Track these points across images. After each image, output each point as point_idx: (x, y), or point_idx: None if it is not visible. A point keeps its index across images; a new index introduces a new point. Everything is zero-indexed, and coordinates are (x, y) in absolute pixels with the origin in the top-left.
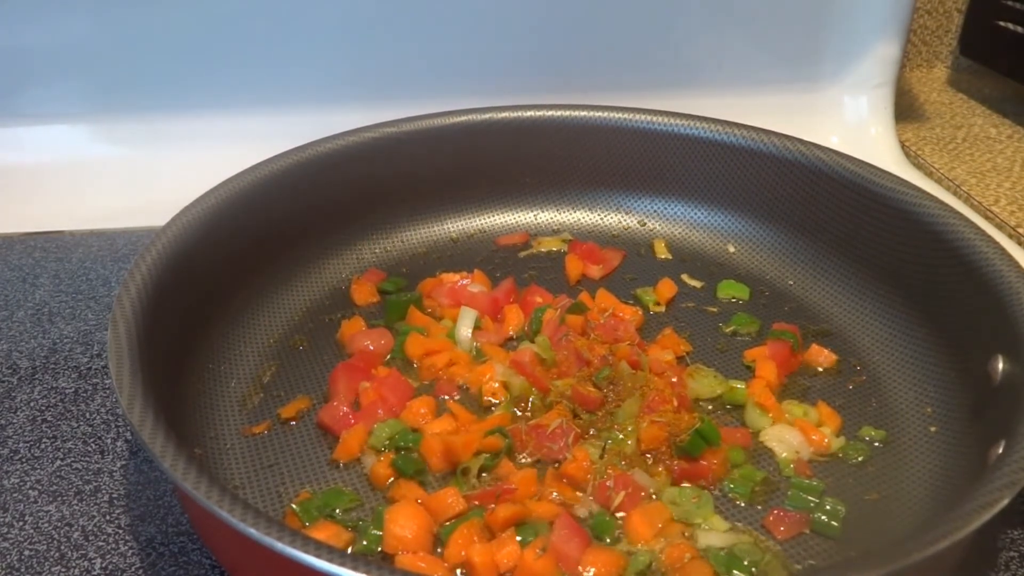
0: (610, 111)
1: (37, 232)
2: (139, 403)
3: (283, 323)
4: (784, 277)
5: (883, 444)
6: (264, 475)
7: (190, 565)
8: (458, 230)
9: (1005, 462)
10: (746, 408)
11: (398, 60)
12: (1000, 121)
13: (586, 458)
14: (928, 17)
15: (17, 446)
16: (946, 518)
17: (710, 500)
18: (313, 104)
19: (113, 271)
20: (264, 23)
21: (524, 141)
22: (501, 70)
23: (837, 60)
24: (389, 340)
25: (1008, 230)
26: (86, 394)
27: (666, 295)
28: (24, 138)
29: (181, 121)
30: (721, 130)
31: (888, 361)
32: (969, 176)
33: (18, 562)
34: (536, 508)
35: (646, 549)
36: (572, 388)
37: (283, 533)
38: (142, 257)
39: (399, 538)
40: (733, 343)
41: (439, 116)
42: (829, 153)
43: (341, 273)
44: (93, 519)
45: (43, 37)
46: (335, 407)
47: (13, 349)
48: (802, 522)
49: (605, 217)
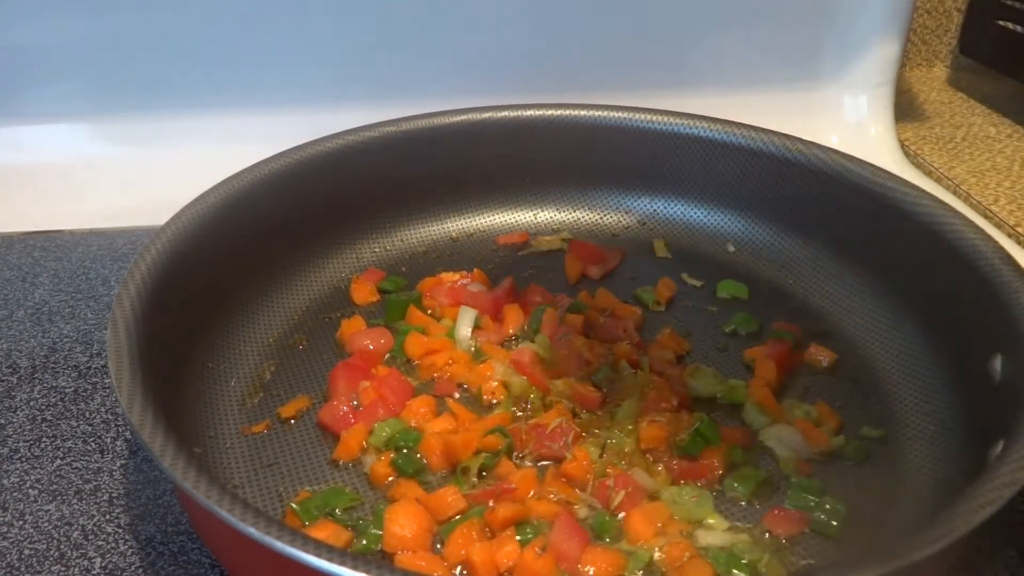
0: (610, 111)
1: (37, 232)
2: (139, 402)
3: (283, 322)
4: (784, 277)
5: (883, 444)
6: (264, 474)
7: (190, 564)
8: (458, 229)
9: (1004, 462)
10: (746, 407)
11: (398, 60)
12: (1000, 120)
13: (586, 457)
14: (928, 16)
15: (17, 445)
16: (946, 518)
17: (710, 499)
18: (313, 104)
19: (113, 271)
20: (264, 23)
21: (524, 141)
22: (501, 70)
23: (837, 60)
24: (389, 339)
25: (1007, 229)
26: (86, 393)
27: (666, 295)
28: (24, 138)
29: (181, 121)
30: (721, 130)
31: (888, 361)
32: (968, 175)
33: (18, 561)
34: (536, 508)
35: (646, 548)
36: (572, 388)
37: (283, 532)
38: (142, 257)
39: (399, 537)
40: (733, 343)
41: (439, 116)
42: (829, 153)
43: (341, 272)
44: (93, 518)
45: (43, 37)
46: (335, 406)
47: (13, 348)
48: (802, 521)
49: (605, 216)
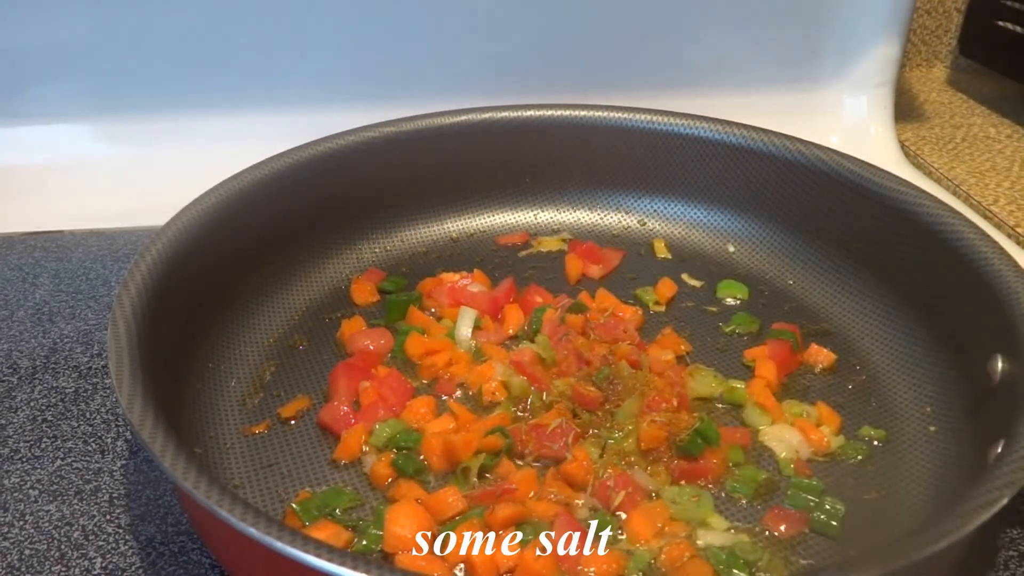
0: (610, 111)
1: (37, 232)
2: (139, 403)
3: (283, 322)
4: (784, 277)
5: (882, 444)
6: (264, 475)
7: (190, 565)
8: (458, 230)
9: (1004, 462)
10: (746, 408)
11: (398, 60)
12: (999, 121)
13: (586, 458)
14: (928, 17)
15: (17, 446)
16: (945, 518)
17: (710, 499)
18: (313, 104)
19: (113, 271)
20: (264, 23)
21: (524, 141)
22: (501, 70)
23: (837, 60)
24: (389, 340)
25: (1007, 229)
26: (86, 394)
27: (666, 295)
28: (24, 138)
29: (181, 121)
30: (721, 130)
31: (888, 361)
32: (968, 176)
33: (18, 561)
34: (536, 508)
35: (646, 549)
36: (572, 388)
37: (283, 532)
38: (142, 257)
39: (399, 537)
40: (733, 343)
41: (439, 116)
42: (829, 153)
43: (341, 272)
44: (93, 519)
45: (43, 37)
46: (335, 407)
47: (13, 349)
48: (802, 521)
49: (605, 217)
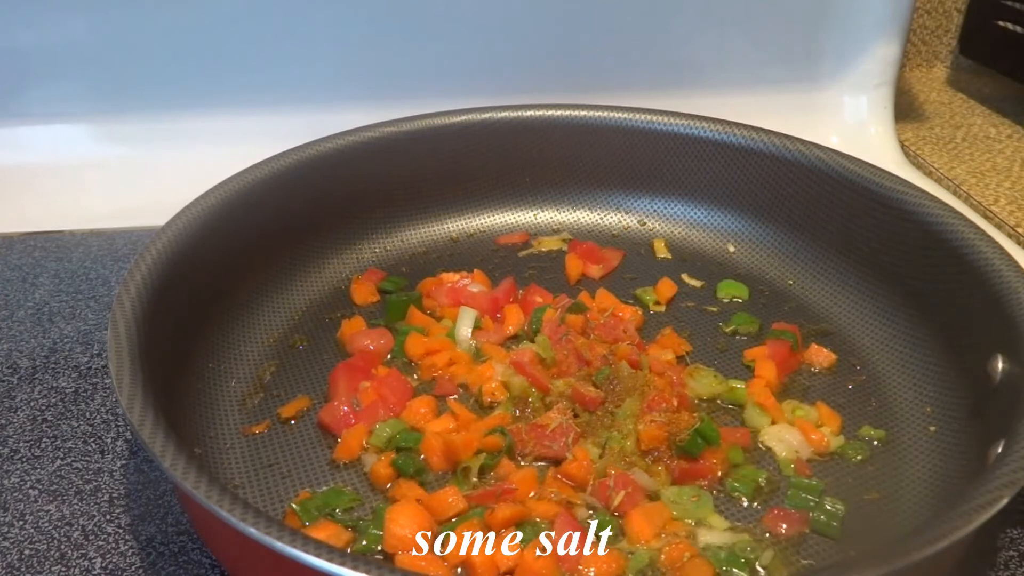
0: (610, 111)
1: (37, 232)
2: (139, 403)
3: (283, 322)
4: (784, 277)
5: (883, 444)
6: (264, 475)
7: (190, 565)
8: (458, 230)
9: (1004, 462)
10: (746, 408)
11: (398, 60)
12: (1000, 121)
13: (586, 458)
14: (928, 17)
15: (17, 446)
16: (946, 518)
17: (710, 500)
18: (313, 104)
19: (113, 271)
20: (264, 23)
21: (524, 141)
22: (501, 70)
23: (837, 60)
24: (389, 340)
25: (1007, 230)
26: (86, 394)
27: (666, 295)
28: (24, 138)
29: (181, 121)
30: (721, 130)
31: (888, 361)
32: (969, 176)
33: (18, 561)
34: (536, 508)
35: (646, 549)
36: (572, 388)
37: (283, 532)
38: (142, 257)
39: (399, 537)
40: (733, 343)
41: (439, 116)
42: (829, 153)
43: (341, 272)
44: (93, 518)
45: (43, 37)
46: (335, 407)
47: (13, 349)
48: (802, 521)
49: (605, 217)
